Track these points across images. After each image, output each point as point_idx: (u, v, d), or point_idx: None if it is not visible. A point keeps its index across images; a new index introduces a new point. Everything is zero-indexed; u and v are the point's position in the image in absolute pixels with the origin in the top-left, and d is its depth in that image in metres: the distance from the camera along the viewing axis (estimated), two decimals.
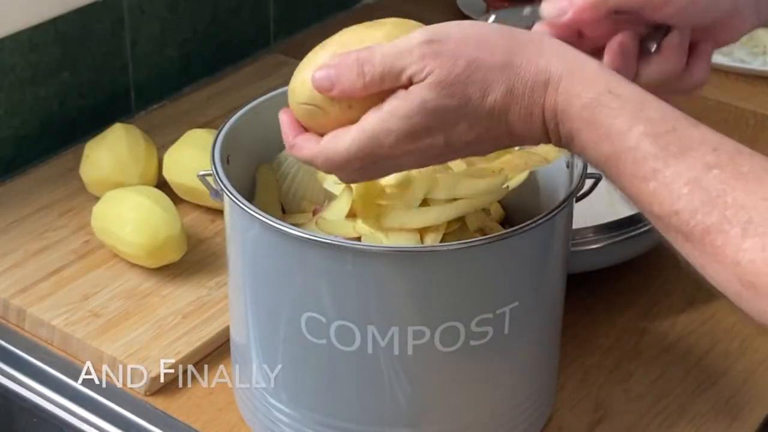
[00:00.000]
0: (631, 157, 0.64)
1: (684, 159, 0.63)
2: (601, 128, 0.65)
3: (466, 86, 0.67)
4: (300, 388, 0.82)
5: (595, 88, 0.66)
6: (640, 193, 0.64)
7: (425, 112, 0.68)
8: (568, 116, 0.67)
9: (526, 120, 0.68)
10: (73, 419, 0.91)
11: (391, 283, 0.75)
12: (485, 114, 0.68)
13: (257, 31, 1.44)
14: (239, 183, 0.81)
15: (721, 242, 0.61)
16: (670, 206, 0.63)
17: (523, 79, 0.68)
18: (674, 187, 0.63)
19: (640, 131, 0.64)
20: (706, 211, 0.61)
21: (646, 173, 0.64)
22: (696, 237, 0.62)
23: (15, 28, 1.14)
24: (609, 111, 0.65)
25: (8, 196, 1.14)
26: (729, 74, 1.41)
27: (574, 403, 0.92)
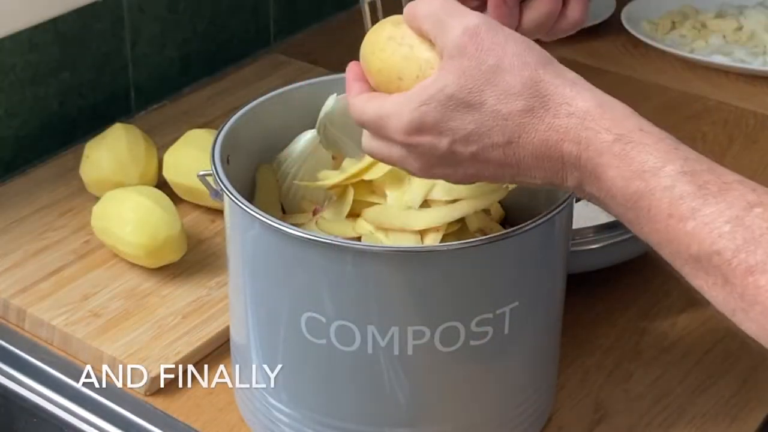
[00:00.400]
0: (667, 195, 0.62)
1: (724, 197, 0.61)
2: (634, 164, 0.63)
3: (485, 86, 0.66)
4: (300, 388, 0.82)
5: (626, 126, 0.64)
6: (677, 233, 0.62)
7: (440, 99, 0.67)
8: (597, 150, 0.64)
9: (541, 146, 0.66)
10: (73, 419, 0.91)
11: (391, 283, 0.75)
12: (496, 123, 0.66)
13: (257, 31, 1.44)
14: (239, 183, 0.81)
15: (765, 282, 0.59)
16: (711, 246, 0.61)
17: (545, 103, 0.66)
18: (714, 225, 0.60)
19: (676, 169, 0.62)
20: (750, 250, 0.59)
21: (684, 212, 0.61)
22: (737, 278, 0.60)
23: (15, 28, 1.14)
24: (642, 147, 0.63)
25: (8, 196, 1.14)
26: (729, 74, 1.42)
27: (574, 403, 0.92)
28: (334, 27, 1.51)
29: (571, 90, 0.66)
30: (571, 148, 0.65)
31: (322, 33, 1.50)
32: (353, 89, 0.73)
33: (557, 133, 0.65)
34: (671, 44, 1.47)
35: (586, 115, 0.65)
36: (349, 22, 1.51)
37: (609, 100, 0.66)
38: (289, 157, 0.90)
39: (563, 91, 0.66)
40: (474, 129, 0.67)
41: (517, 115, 0.66)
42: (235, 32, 1.40)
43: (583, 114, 0.65)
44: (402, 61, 0.71)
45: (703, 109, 1.33)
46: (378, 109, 0.70)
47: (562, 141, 0.65)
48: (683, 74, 1.42)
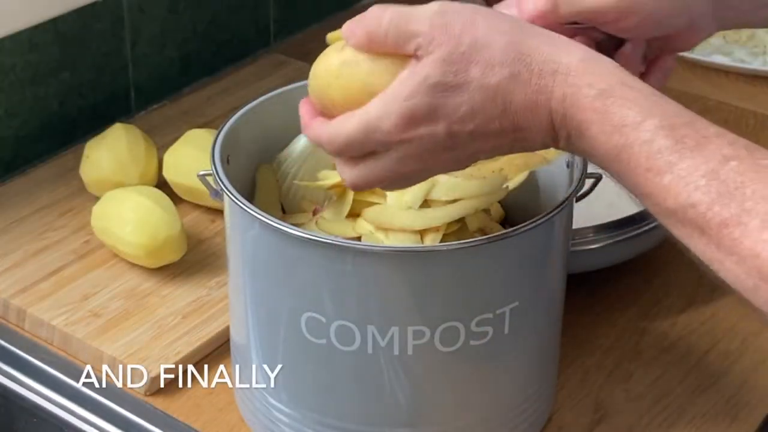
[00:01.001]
0: (645, 149, 0.62)
1: (701, 151, 0.61)
2: (614, 119, 0.64)
3: (468, 65, 0.66)
4: (300, 388, 0.82)
5: (607, 80, 0.65)
6: (654, 186, 0.63)
7: (426, 91, 0.66)
8: (579, 107, 0.65)
9: (532, 108, 0.66)
10: (73, 419, 0.91)
11: (391, 283, 0.75)
12: (487, 97, 0.66)
13: (257, 31, 1.44)
14: (239, 183, 0.81)
15: (739, 234, 0.59)
16: (686, 198, 0.61)
17: (528, 65, 0.66)
18: (690, 179, 0.61)
19: (655, 123, 0.63)
20: (724, 203, 0.60)
21: (661, 166, 0.62)
22: (713, 230, 0.60)
23: (15, 28, 1.14)
24: (623, 102, 0.64)
25: (8, 196, 1.14)
26: (729, 74, 1.41)
27: (574, 403, 0.92)
28: (334, 27, 1.50)
29: (551, 47, 0.66)
30: (556, 105, 0.66)
31: (322, 33, 1.49)
32: (316, 126, 0.72)
33: (544, 93, 0.66)
34: None
35: (569, 71, 0.65)
36: None
37: (590, 54, 0.67)
38: (289, 157, 0.90)
39: (544, 49, 0.66)
40: (468, 108, 0.67)
41: (504, 83, 0.66)
42: (235, 32, 1.40)
43: (566, 70, 0.65)
44: (368, 77, 0.69)
45: (703, 109, 1.33)
46: (361, 119, 0.69)
47: (549, 100, 0.66)
48: (683, 74, 1.42)
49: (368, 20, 0.69)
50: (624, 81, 0.65)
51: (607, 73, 0.65)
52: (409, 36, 0.67)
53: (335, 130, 0.70)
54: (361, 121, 0.69)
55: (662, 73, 0.79)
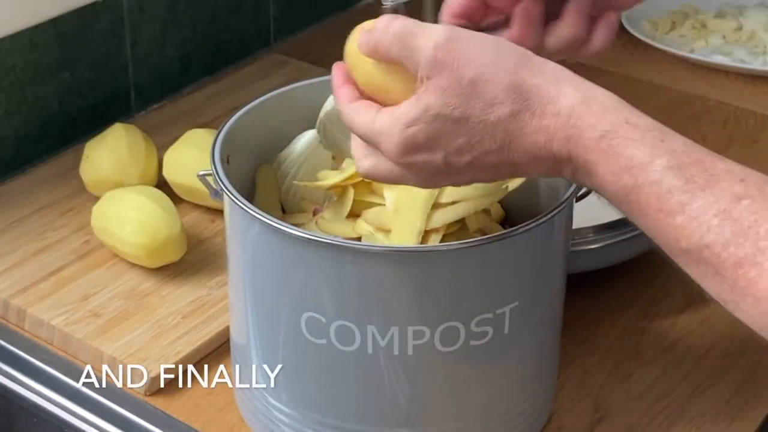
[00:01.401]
0: (655, 190, 0.62)
1: (712, 190, 0.61)
2: (621, 160, 0.63)
3: (468, 100, 0.66)
4: (300, 388, 0.82)
5: (611, 120, 0.64)
6: (667, 227, 0.62)
7: (426, 120, 0.67)
8: (583, 148, 0.64)
9: (531, 148, 0.66)
10: (73, 419, 0.91)
11: (391, 283, 0.75)
12: (486, 132, 0.66)
13: (257, 31, 1.44)
14: (239, 183, 0.81)
15: (755, 274, 0.59)
16: (700, 239, 0.61)
17: (530, 106, 0.66)
18: (703, 219, 0.61)
19: (663, 163, 0.62)
20: (738, 243, 0.59)
21: (672, 207, 0.62)
22: (728, 270, 0.60)
23: (15, 28, 1.14)
24: (628, 142, 0.63)
25: (8, 196, 1.14)
26: (729, 74, 1.41)
27: (574, 403, 0.92)
28: (334, 27, 1.51)
29: (554, 87, 0.66)
30: (560, 147, 0.66)
31: (322, 33, 1.50)
32: (342, 95, 0.72)
33: (545, 135, 0.66)
34: (671, 44, 1.47)
35: (572, 113, 0.65)
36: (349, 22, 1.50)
37: (593, 93, 0.66)
38: (289, 157, 0.90)
39: (546, 89, 0.66)
40: (465, 141, 0.67)
41: (504, 121, 0.66)
42: (235, 32, 1.40)
43: (568, 112, 0.65)
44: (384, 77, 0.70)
45: (703, 109, 1.33)
46: (369, 125, 0.69)
47: (551, 141, 0.66)
48: (683, 74, 1.42)
49: (377, 29, 0.70)
50: (627, 119, 0.64)
51: (609, 113, 0.65)
52: (412, 52, 0.67)
53: (352, 115, 0.71)
54: (369, 124, 0.70)
55: (608, 29, 0.78)
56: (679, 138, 0.64)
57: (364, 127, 0.70)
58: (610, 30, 0.78)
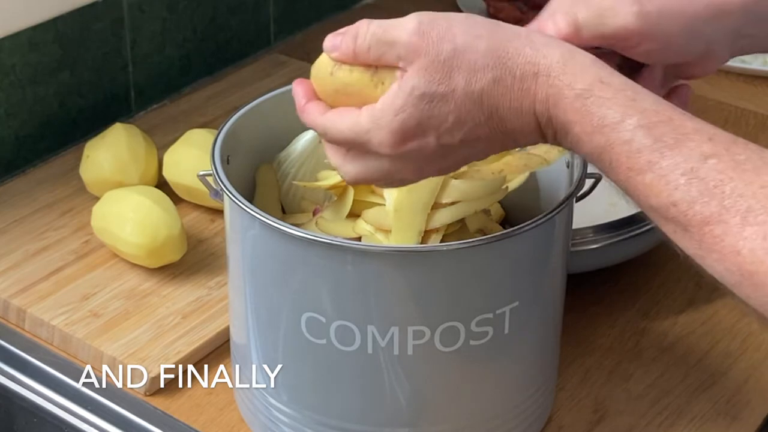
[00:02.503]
0: (625, 149, 0.63)
1: (680, 150, 0.62)
2: (594, 119, 0.64)
3: (451, 72, 0.66)
4: (300, 388, 0.82)
5: (586, 79, 0.65)
6: (636, 185, 0.64)
7: (414, 103, 0.67)
8: (561, 108, 0.66)
9: (517, 112, 0.67)
10: (73, 419, 0.91)
11: (391, 283, 0.75)
12: (473, 104, 0.67)
13: (257, 31, 1.44)
14: (239, 183, 0.81)
15: (721, 232, 0.60)
16: (668, 198, 0.62)
17: (510, 69, 0.66)
18: (671, 178, 0.62)
19: (633, 123, 0.63)
20: (704, 202, 0.61)
21: (642, 165, 0.63)
22: (694, 228, 0.61)
23: (15, 28, 1.14)
24: (601, 101, 0.64)
25: (8, 196, 1.14)
26: (729, 74, 1.41)
27: (574, 403, 0.92)
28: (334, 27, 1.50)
29: (530, 49, 0.67)
30: (540, 108, 0.67)
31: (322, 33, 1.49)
32: (311, 111, 0.72)
33: (528, 96, 0.66)
34: None
35: (550, 72, 0.66)
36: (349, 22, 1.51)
37: (569, 51, 0.67)
38: (289, 157, 0.90)
39: (524, 51, 0.67)
40: (455, 117, 0.67)
41: (488, 88, 0.67)
42: (235, 32, 1.40)
43: (547, 71, 0.66)
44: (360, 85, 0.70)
45: (703, 109, 1.33)
46: (354, 126, 0.69)
47: (533, 102, 0.67)
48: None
49: (351, 34, 0.70)
50: (602, 78, 0.65)
51: (585, 72, 0.66)
52: (389, 46, 0.68)
53: (330, 124, 0.70)
54: (353, 125, 0.69)
55: (680, 101, 0.79)
56: (650, 96, 0.65)
57: (349, 131, 0.69)
58: (682, 102, 0.79)
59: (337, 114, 0.70)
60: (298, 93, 0.73)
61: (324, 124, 0.71)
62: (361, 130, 0.69)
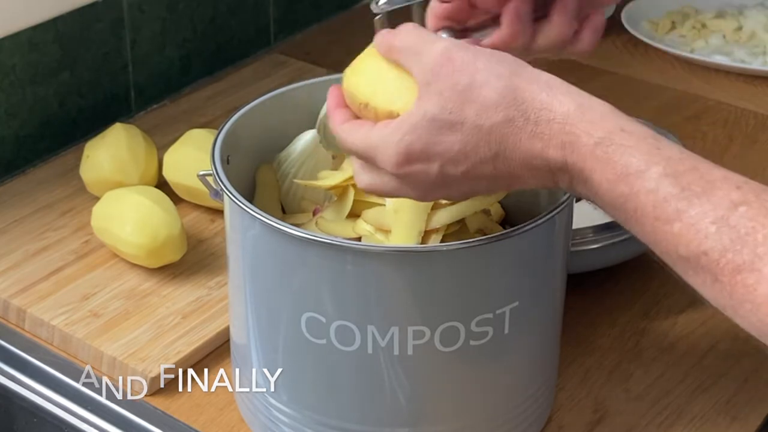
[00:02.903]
0: (651, 198, 0.62)
1: (708, 198, 0.61)
2: (617, 167, 0.63)
3: (464, 104, 0.66)
4: (300, 388, 0.82)
5: (606, 126, 0.64)
6: (664, 235, 0.62)
7: (424, 126, 0.67)
8: (580, 155, 0.65)
9: (526, 156, 0.66)
10: (73, 419, 0.91)
11: (391, 283, 0.75)
12: (481, 139, 0.66)
13: (257, 31, 1.44)
14: (239, 183, 0.81)
15: (754, 280, 0.59)
16: (698, 247, 0.61)
17: (524, 112, 0.66)
18: (701, 226, 0.61)
19: (659, 171, 0.62)
20: (737, 250, 0.60)
21: (670, 215, 0.62)
22: (726, 277, 0.60)
23: (15, 28, 1.14)
24: (624, 149, 0.63)
25: (8, 196, 1.14)
26: (729, 74, 1.41)
27: (574, 403, 0.92)
28: (334, 27, 1.51)
29: (548, 95, 0.66)
30: (555, 154, 0.66)
31: (322, 33, 1.50)
32: (335, 117, 0.73)
33: (540, 141, 0.66)
34: (671, 44, 1.47)
35: (567, 119, 0.65)
36: (349, 22, 1.51)
37: (587, 100, 0.66)
38: (289, 157, 0.90)
39: (540, 96, 0.66)
40: (460, 148, 0.67)
41: (498, 126, 0.66)
42: (235, 32, 1.40)
43: (563, 118, 0.65)
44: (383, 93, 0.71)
45: (703, 109, 1.33)
46: (364, 140, 0.70)
47: (546, 148, 0.66)
48: (683, 74, 1.42)
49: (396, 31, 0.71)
50: (622, 127, 0.64)
51: (604, 120, 0.65)
52: (417, 55, 0.68)
53: (345, 135, 0.72)
54: (364, 140, 0.70)
55: (593, 29, 0.79)
56: (674, 146, 0.64)
57: (360, 143, 0.70)
58: (596, 30, 0.79)
59: (352, 126, 0.72)
60: (329, 97, 0.75)
61: (340, 133, 0.72)
62: (370, 145, 0.70)
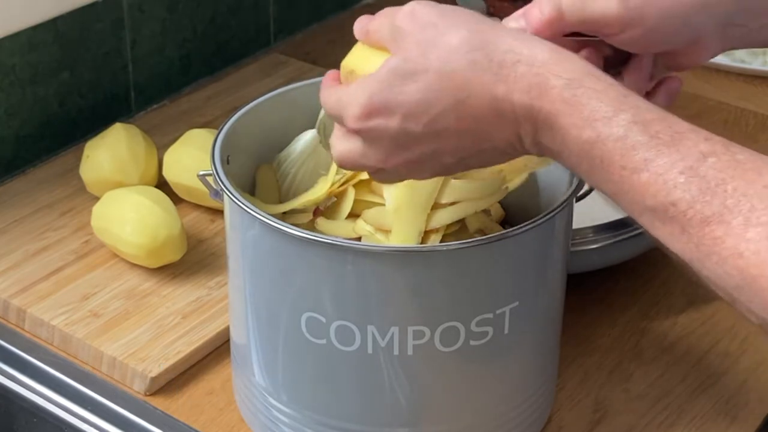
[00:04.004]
0: (619, 146, 0.61)
1: (677, 148, 0.60)
2: (584, 111, 0.62)
3: (427, 51, 0.65)
4: (300, 388, 0.82)
5: (576, 69, 0.63)
6: (631, 185, 0.61)
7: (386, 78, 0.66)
8: (546, 97, 0.63)
9: (491, 101, 0.64)
10: (73, 419, 0.91)
11: (391, 283, 0.75)
12: (442, 85, 0.65)
13: (257, 31, 1.44)
14: (239, 183, 0.81)
15: (722, 233, 0.57)
16: (666, 197, 0.59)
17: (489, 54, 0.64)
18: (669, 176, 0.59)
19: (627, 118, 0.61)
20: (706, 201, 0.58)
21: (637, 163, 0.60)
22: (694, 228, 0.58)
23: (15, 28, 1.14)
24: (592, 93, 0.62)
25: (8, 196, 1.14)
26: (729, 74, 1.41)
27: (574, 403, 0.92)
28: (334, 27, 1.51)
29: (515, 39, 0.65)
30: (522, 97, 0.64)
31: (322, 33, 1.50)
32: (323, 84, 0.74)
33: (506, 84, 0.64)
34: None
35: (534, 61, 0.64)
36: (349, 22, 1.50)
37: (557, 49, 0.65)
38: (289, 157, 0.90)
39: (506, 39, 0.65)
40: (421, 97, 0.66)
41: (462, 71, 0.65)
42: (235, 32, 1.40)
43: (531, 60, 0.64)
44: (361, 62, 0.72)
45: (703, 109, 1.33)
46: (336, 97, 0.70)
47: (512, 91, 0.64)
48: (683, 74, 1.42)
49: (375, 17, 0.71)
50: (591, 72, 0.63)
51: (574, 65, 0.64)
52: (390, 27, 0.69)
53: (325, 96, 0.72)
54: (338, 98, 0.70)
55: (668, 94, 0.77)
56: (640, 98, 0.63)
57: (331, 100, 0.71)
58: (670, 96, 0.77)
59: (331, 88, 0.72)
60: (326, 75, 0.75)
61: (322, 96, 0.72)
62: (339, 100, 0.70)
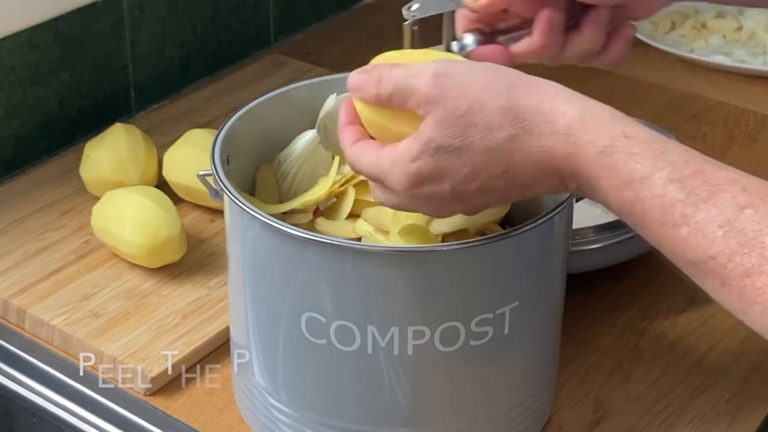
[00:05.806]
0: (658, 204, 0.63)
1: (714, 202, 0.61)
2: (622, 174, 0.64)
3: (467, 128, 0.67)
4: (300, 388, 0.82)
5: (609, 134, 0.65)
6: (672, 240, 0.63)
7: (429, 153, 0.68)
8: (585, 164, 0.65)
9: (535, 168, 0.67)
10: (73, 419, 0.91)
11: (391, 283, 0.75)
12: (489, 158, 0.67)
13: (257, 31, 1.44)
14: (239, 183, 0.81)
15: (762, 284, 0.59)
16: (705, 251, 0.61)
17: (526, 128, 0.66)
18: (708, 230, 0.61)
19: (664, 177, 0.63)
20: (744, 253, 0.60)
21: (676, 220, 0.62)
22: (735, 281, 0.60)
23: (15, 28, 1.14)
24: (628, 156, 0.64)
25: (8, 196, 1.14)
26: (729, 74, 1.41)
27: (574, 403, 0.92)
28: (334, 27, 1.51)
29: (549, 106, 0.67)
30: (561, 164, 0.66)
31: (322, 33, 1.50)
32: (345, 136, 0.74)
33: (545, 154, 0.66)
34: (671, 44, 1.47)
35: (569, 130, 0.66)
36: (349, 22, 1.51)
37: (589, 108, 0.66)
38: (289, 157, 0.90)
39: (541, 109, 0.67)
40: (470, 169, 0.68)
41: (504, 145, 0.67)
42: (235, 32, 1.40)
43: (566, 129, 0.66)
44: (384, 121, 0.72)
45: (703, 109, 1.33)
46: (374, 165, 0.71)
47: (552, 160, 0.67)
48: (683, 74, 1.42)
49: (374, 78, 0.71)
50: (625, 133, 0.65)
51: (607, 127, 0.65)
52: (409, 95, 0.69)
53: (355, 157, 0.72)
54: (374, 164, 0.71)
55: (623, 42, 0.79)
56: (678, 148, 0.64)
57: (370, 167, 0.71)
58: (626, 42, 0.80)
59: (361, 149, 0.72)
60: (341, 113, 0.75)
61: (350, 155, 0.73)
62: (379, 169, 0.71)
